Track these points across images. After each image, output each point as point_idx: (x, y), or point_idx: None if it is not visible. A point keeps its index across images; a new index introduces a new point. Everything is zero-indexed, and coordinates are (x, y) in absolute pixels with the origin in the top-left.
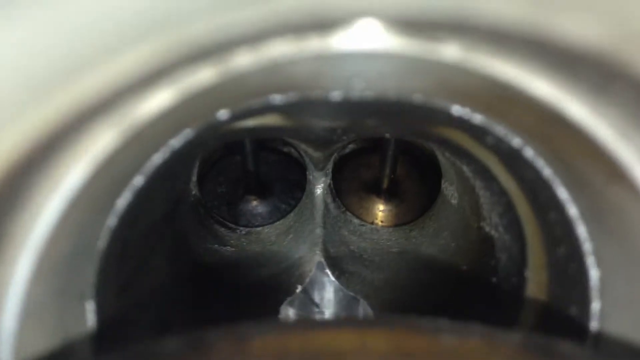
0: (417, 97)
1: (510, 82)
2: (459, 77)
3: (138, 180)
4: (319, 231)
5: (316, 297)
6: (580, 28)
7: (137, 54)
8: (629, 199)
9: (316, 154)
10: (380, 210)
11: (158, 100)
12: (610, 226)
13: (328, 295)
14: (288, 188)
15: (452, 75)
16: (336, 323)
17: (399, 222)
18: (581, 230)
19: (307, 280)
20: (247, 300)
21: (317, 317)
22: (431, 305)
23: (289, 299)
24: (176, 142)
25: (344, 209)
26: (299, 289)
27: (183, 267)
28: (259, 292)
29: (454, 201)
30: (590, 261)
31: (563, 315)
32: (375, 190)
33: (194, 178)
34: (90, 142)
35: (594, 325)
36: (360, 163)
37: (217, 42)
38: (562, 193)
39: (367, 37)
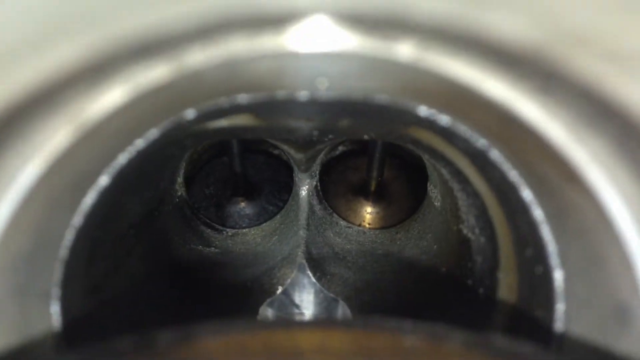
0: (383, 98)
1: (464, 82)
2: (419, 77)
3: (104, 180)
4: (302, 233)
5: (296, 299)
6: (512, 27)
7: (75, 46)
8: (584, 200)
9: (298, 156)
10: (368, 213)
11: (111, 97)
12: (571, 228)
13: (308, 297)
14: (276, 190)
15: (412, 75)
16: (296, 324)
17: (386, 225)
18: (546, 232)
19: (289, 281)
20: (228, 301)
21: (291, 318)
22: (410, 308)
23: (269, 299)
24: (142, 141)
25: (330, 210)
26: (279, 290)
27: (164, 268)
28: (240, 293)
29: (437, 204)
30: (555, 263)
31: (531, 317)
32: (363, 192)
33: (180, 179)
34: (44, 138)
35: (558, 326)
36: (348, 165)
37: (167, 37)
38: (527, 195)
39: (320, 35)
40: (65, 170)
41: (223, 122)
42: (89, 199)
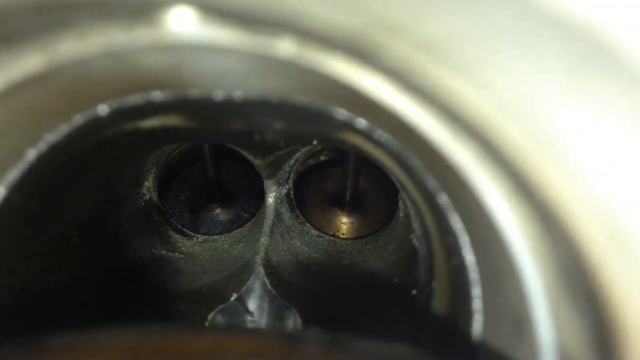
0: (302, 99)
1: (346, 78)
2: (310, 76)
3: (12, 175)
4: (263, 240)
5: (250, 306)
6: (331, 16)
7: None
8: (476, 207)
9: (257, 162)
10: (343, 223)
11: None
12: (482, 239)
13: (262, 304)
14: (251, 197)
15: (305, 74)
16: (193, 329)
17: (359, 235)
18: (464, 241)
19: (244, 288)
20: (179, 306)
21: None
22: (359, 318)
23: (221, 306)
24: (52, 136)
25: (303, 219)
26: (233, 296)
27: (114, 271)
28: (194, 299)
29: (401, 214)
30: (473, 274)
31: (456, 328)
32: (338, 202)
33: (149, 183)
34: None
35: (477, 337)
36: (324, 175)
37: (36, 26)
38: (445, 202)
39: (192, 29)
40: None
41: (155, 122)
42: None
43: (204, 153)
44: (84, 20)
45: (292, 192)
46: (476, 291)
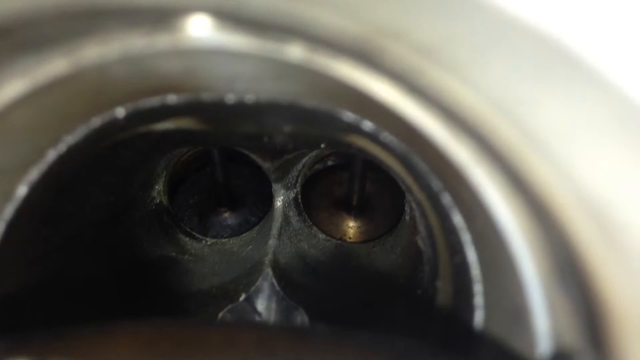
0: (309, 102)
1: (354, 81)
2: (320, 79)
3: (33, 174)
4: (271, 242)
5: (259, 306)
6: (338, 23)
7: None
8: (476, 202)
9: (266, 165)
10: (350, 227)
11: (11, 89)
12: (482, 235)
13: (270, 304)
14: (259, 201)
15: (315, 78)
16: (206, 322)
17: (366, 239)
18: (466, 239)
19: (252, 288)
20: (189, 305)
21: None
22: (366, 317)
23: (230, 306)
24: (71, 138)
25: (310, 223)
26: (242, 297)
27: (125, 270)
28: (203, 299)
29: (407, 217)
30: (475, 271)
31: (459, 323)
32: (345, 206)
33: (160, 187)
34: None
35: (478, 329)
36: (332, 180)
37: (61, 32)
38: (448, 201)
39: (209, 35)
40: None
41: (169, 125)
42: (20, 192)
43: (213, 158)
44: (108, 26)
45: (299, 196)
46: (478, 288)
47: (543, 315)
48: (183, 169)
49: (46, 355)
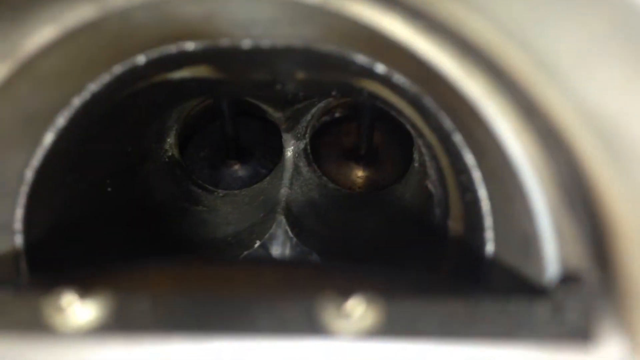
0: (323, 46)
1: (369, 21)
2: (335, 21)
3: (60, 121)
4: (283, 191)
5: (273, 252)
6: None
7: None
8: (490, 140)
9: (276, 115)
10: (359, 177)
11: (42, 34)
12: (493, 170)
13: (284, 250)
14: (269, 153)
15: (331, 20)
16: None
17: (375, 188)
18: (477, 176)
19: (267, 235)
20: (206, 252)
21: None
22: (378, 260)
23: (246, 252)
24: (94, 86)
25: (320, 173)
26: (257, 244)
27: (144, 219)
28: (219, 246)
29: (416, 165)
30: (486, 206)
31: (470, 256)
32: (354, 157)
33: (171, 140)
34: None
35: (489, 259)
36: (341, 131)
37: None
38: (459, 141)
39: None
40: (10, 105)
41: (185, 73)
42: (48, 139)
43: (223, 111)
44: None
45: (309, 147)
46: (488, 222)
47: (551, 241)
48: (193, 122)
49: (89, 287)
